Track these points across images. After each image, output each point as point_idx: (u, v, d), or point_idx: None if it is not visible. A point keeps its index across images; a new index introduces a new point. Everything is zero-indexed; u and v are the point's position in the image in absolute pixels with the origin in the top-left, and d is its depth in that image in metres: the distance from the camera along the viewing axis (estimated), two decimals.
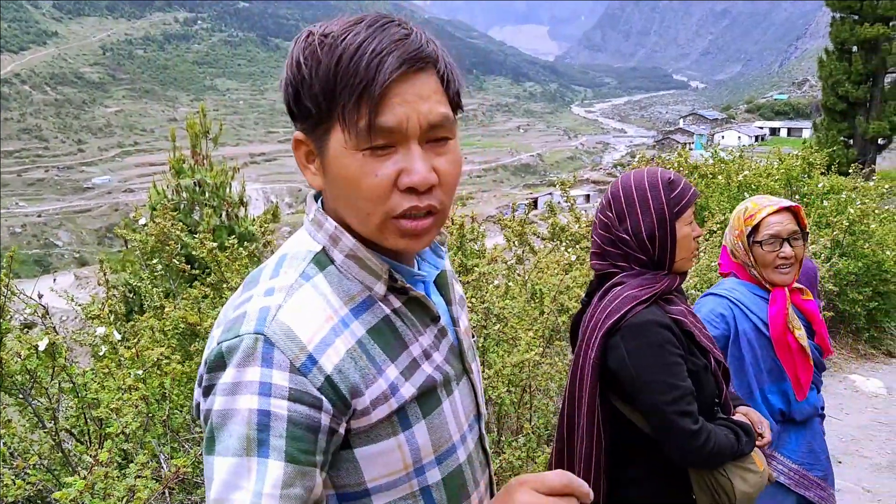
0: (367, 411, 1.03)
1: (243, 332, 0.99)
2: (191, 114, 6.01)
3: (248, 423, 0.95)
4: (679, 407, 1.77)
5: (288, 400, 0.96)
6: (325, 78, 0.99)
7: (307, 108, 1.03)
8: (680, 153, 8.63)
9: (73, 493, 1.72)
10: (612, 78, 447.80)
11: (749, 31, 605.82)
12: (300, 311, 1.02)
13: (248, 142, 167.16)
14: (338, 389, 1.00)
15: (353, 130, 1.00)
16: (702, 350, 1.91)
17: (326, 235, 1.11)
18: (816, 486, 2.47)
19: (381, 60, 0.98)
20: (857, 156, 23.33)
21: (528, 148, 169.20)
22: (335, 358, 1.00)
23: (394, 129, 1.00)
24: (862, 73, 24.96)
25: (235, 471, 0.94)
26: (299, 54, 1.02)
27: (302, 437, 0.96)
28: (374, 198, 1.02)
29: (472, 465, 1.21)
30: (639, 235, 1.89)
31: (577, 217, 6.48)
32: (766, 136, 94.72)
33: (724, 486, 1.83)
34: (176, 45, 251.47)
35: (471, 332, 1.33)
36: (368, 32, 1.00)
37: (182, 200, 5.77)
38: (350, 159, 1.02)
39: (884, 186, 9.94)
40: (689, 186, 1.94)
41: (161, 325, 3.31)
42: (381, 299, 1.10)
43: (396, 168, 1.01)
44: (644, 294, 1.85)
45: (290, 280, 1.06)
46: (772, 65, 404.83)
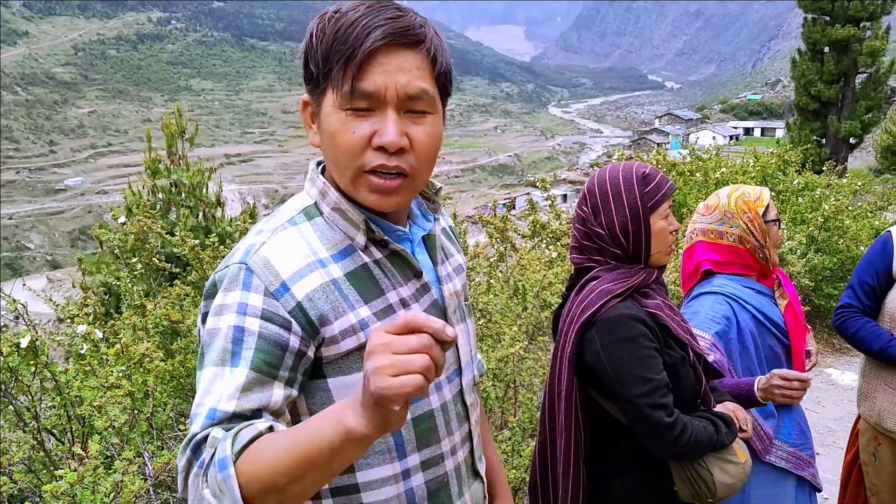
0: (335, 340, 1.16)
1: (231, 263, 1.17)
2: (166, 114, 5.95)
3: (225, 337, 1.10)
4: (652, 399, 1.78)
5: (260, 318, 1.11)
6: (325, 45, 1.14)
7: (311, 72, 1.18)
8: (658, 151, 8.72)
9: (63, 485, 1.70)
10: (588, 78, 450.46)
11: (722, 31, 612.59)
12: (280, 247, 1.17)
13: (224, 142, 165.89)
14: (307, 314, 1.14)
15: (338, 91, 1.14)
16: (679, 343, 1.93)
17: (317, 190, 1.27)
18: (809, 464, 2.51)
19: (369, 32, 1.12)
20: (829, 155, 23.68)
21: (505, 148, 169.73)
22: (307, 288, 1.15)
23: (372, 94, 1.13)
24: (834, 73, 25.28)
25: (212, 378, 1.08)
26: (314, 27, 1.18)
27: (269, 352, 1.10)
28: (349, 152, 1.16)
29: (446, 413, 1.32)
30: (612, 230, 1.91)
31: (558, 214, 6.52)
32: (740, 135, 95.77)
33: (704, 478, 1.84)
34: (150, 44, 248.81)
35: (462, 297, 1.44)
36: (366, 10, 1.14)
37: (158, 201, 5.72)
38: (335, 117, 1.16)
39: (856, 184, 10.12)
40: (665, 180, 1.94)
41: (143, 323, 3.28)
42: (363, 250, 1.23)
43: (372, 128, 1.15)
44: (618, 288, 1.87)
45: (278, 224, 1.23)
46: (745, 65, 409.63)
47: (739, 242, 2.45)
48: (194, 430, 1.04)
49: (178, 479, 1.06)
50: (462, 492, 1.36)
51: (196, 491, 1.00)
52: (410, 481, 1.26)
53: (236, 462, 0.97)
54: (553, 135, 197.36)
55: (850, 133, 25.30)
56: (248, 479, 0.96)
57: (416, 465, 1.26)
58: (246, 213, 5.86)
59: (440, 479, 1.30)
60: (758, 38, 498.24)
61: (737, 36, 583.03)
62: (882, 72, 25.47)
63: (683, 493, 1.89)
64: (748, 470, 1.91)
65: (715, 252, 2.50)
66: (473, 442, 1.42)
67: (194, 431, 1.04)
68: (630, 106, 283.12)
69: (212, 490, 0.98)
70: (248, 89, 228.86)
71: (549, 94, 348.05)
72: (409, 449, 1.25)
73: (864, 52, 24.59)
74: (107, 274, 5.12)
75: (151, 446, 2.65)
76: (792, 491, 2.49)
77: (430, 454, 1.28)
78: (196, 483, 1.00)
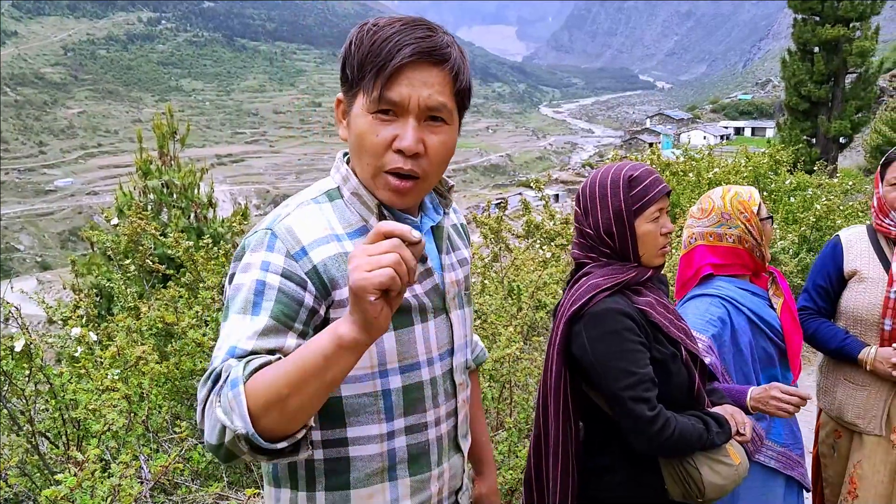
0: (342, 303, 1.30)
1: (259, 229, 1.33)
2: (157, 114, 5.93)
3: (249, 290, 1.24)
4: (635, 393, 1.79)
5: (281, 276, 1.25)
6: (361, 54, 1.29)
7: (346, 75, 1.33)
8: (653, 150, 8.74)
9: (63, 490, 1.69)
10: (579, 78, 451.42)
11: (713, 31, 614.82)
12: (302, 219, 1.33)
13: (215, 143, 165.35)
14: (321, 277, 1.28)
15: (368, 97, 1.28)
16: (671, 340, 1.93)
17: (340, 176, 1.42)
18: (798, 464, 2.53)
19: (401, 48, 1.26)
20: (819, 154, 23.78)
21: (497, 148, 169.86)
22: (323, 255, 1.30)
23: (397, 103, 1.28)
24: (824, 73, 25.39)
25: (234, 324, 1.22)
26: (353, 35, 1.32)
27: (287, 304, 1.24)
28: (372, 151, 1.31)
29: (434, 387, 1.45)
30: (598, 231, 1.96)
31: (552, 214, 6.52)
32: (730, 135, 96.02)
33: (693, 477, 1.84)
34: (140, 45, 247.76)
35: (463, 286, 1.56)
36: (402, 27, 1.29)
37: (149, 202, 5.69)
38: (363, 119, 1.31)
39: (847, 183, 10.18)
40: (655, 184, 1.93)
41: (138, 326, 3.26)
42: None
43: (394, 133, 1.30)
44: (606, 283, 1.89)
45: (302, 199, 1.40)
46: (736, 65, 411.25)
47: (738, 242, 2.46)
48: (214, 366, 1.16)
49: (197, 410, 1.17)
50: (441, 461, 1.49)
51: (211, 415, 1.11)
52: (394, 442, 1.40)
53: (246, 382, 1.09)
54: (545, 135, 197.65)
55: (840, 133, 25.41)
56: (255, 395, 1.08)
57: (401, 429, 1.40)
58: (238, 213, 5.83)
59: (421, 446, 1.44)
60: (748, 38, 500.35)
61: (727, 36, 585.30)
62: (871, 72, 25.61)
63: (673, 492, 1.89)
64: (742, 473, 1.90)
65: (715, 255, 2.50)
66: (458, 418, 1.54)
67: (214, 366, 1.16)
68: (621, 106, 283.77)
69: (223, 408, 1.09)
70: (238, 89, 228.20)
71: (541, 95, 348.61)
72: (397, 413, 1.39)
73: (854, 53, 24.70)
74: (98, 275, 5.09)
75: (147, 449, 2.63)
76: (781, 490, 2.50)
77: (414, 421, 1.42)
78: (211, 408, 1.12)
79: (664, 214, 1.96)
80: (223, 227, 5.76)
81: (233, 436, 1.08)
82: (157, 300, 3.83)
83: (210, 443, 1.12)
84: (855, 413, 2.75)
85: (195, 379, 3.16)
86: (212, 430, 1.11)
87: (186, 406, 3.30)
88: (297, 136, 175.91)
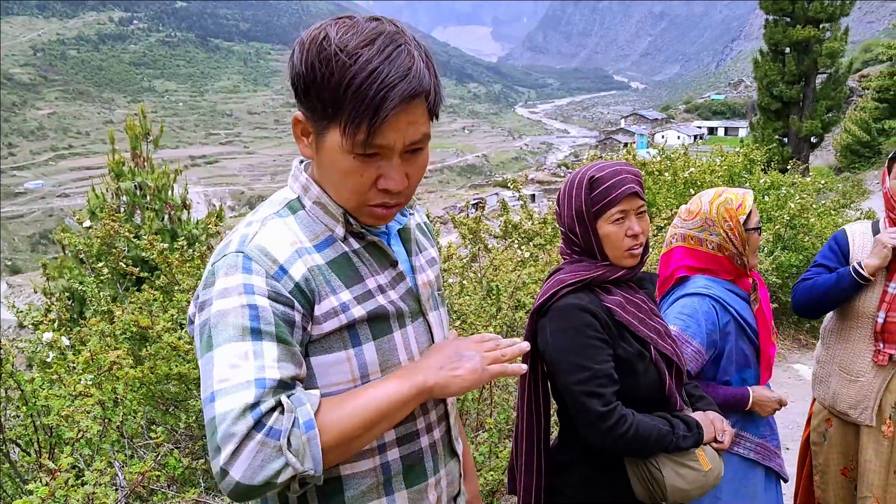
0: (319, 321, 1.25)
1: (227, 252, 1.24)
2: (129, 115, 5.85)
3: (241, 315, 1.16)
4: (587, 387, 1.80)
5: (268, 298, 1.19)
6: (336, 91, 1.17)
7: (313, 104, 1.21)
8: (628, 150, 8.79)
9: (35, 500, 1.64)
10: (554, 79, 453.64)
11: (686, 32, 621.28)
12: (271, 237, 1.26)
13: (189, 144, 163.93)
14: (304, 293, 1.23)
15: (350, 140, 1.20)
16: (639, 340, 1.92)
17: (300, 186, 1.35)
18: (775, 454, 2.55)
19: (386, 95, 1.17)
20: (792, 153, 24.14)
21: (473, 149, 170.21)
22: (300, 270, 1.24)
23: (384, 146, 1.22)
24: (795, 73, 25.76)
25: (234, 353, 1.14)
26: (314, 58, 1.18)
27: (283, 326, 1.19)
28: (355, 191, 1.27)
29: None
30: (566, 229, 1.99)
31: (530, 214, 6.52)
32: (704, 135, 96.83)
33: (655, 478, 1.84)
34: (111, 45, 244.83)
35: (435, 286, 1.53)
36: (380, 60, 1.18)
37: (122, 204, 5.61)
38: (342, 157, 1.23)
39: (819, 182, 10.32)
40: (618, 185, 1.89)
41: (111, 330, 3.20)
42: (343, 240, 1.33)
43: (378, 172, 1.25)
44: (570, 279, 1.92)
45: (265, 215, 1.32)
46: (709, 66, 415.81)
47: (718, 250, 2.44)
48: (247, 401, 1.10)
49: (227, 448, 1.08)
50: (437, 468, 1.45)
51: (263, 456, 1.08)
52: (386, 455, 1.35)
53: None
54: (521, 135, 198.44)
55: (812, 132, 25.80)
56: (327, 435, 1.12)
57: (392, 441, 1.36)
58: (212, 215, 5.75)
59: (415, 455, 1.40)
60: (721, 38, 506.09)
61: (700, 37, 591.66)
62: (841, 72, 26.03)
63: (638, 491, 1.88)
64: (712, 481, 1.88)
65: (692, 258, 2.49)
66: (450, 421, 1.51)
67: (248, 401, 1.10)
68: (596, 106, 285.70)
69: (295, 450, 1.09)
70: (212, 90, 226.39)
71: (517, 95, 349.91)
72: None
73: (824, 53, 25.10)
74: (70, 279, 5.01)
75: (122, 455, 2.58)
76: (761, 481, 2.53)
77: (405, 430, 1.38)
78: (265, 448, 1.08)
79: (631, 216, 1.91)
80: (198, 228, 5.69)
81: (290, 475, 1.09)
82: (132, 303, 3.77)
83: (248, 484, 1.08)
84: (848, 403, 2.80)
85: (171, 383, 3.11)
86: (258, 469, 1.07)
87: (162, 411, 3.25)
88: (272, 136, 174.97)
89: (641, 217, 1.94)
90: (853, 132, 30.54)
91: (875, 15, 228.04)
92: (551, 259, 5.00)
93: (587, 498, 1.94)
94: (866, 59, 48.97)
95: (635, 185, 1.91)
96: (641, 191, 1.94)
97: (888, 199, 2.75)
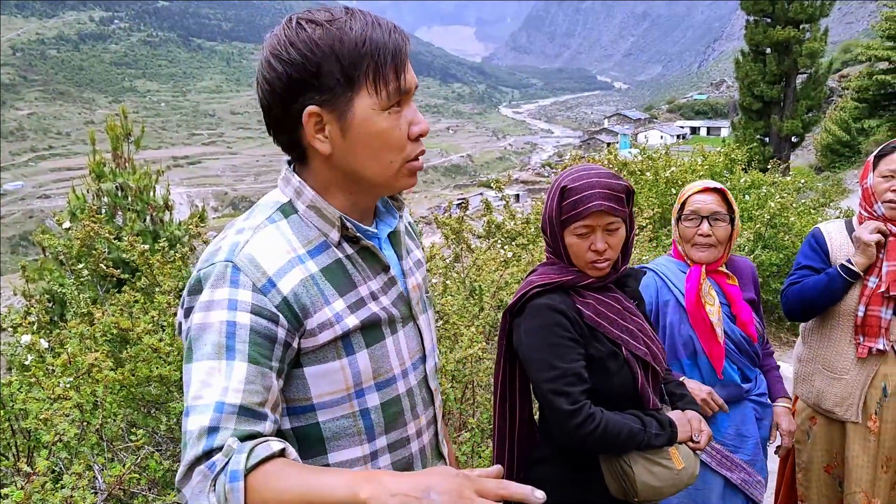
0: (313, 332, 1.24)
1: (216, 261, 1.22)
2: (110, 116, 5.79)
3: (219, 332, 1.16)
4: (555, 386, 1.83)
5: (251, 313, 1.17)
6: (353, 50, 1.19)
7: (331, 81, 1.20)
8: (610, 150, 8.83)
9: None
10: (538, 79, 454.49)
11: (669, 32, 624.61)
12: (263, 245, 1.24)
13: (171, 144, 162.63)
14: (292, 308, 1.21)
15: (383, 92, 1.22)
16: (611, 340, 1.94)
17: (292, 189, 1.32)
18: (741, 468, 2.53)
19: (393, 36, 1.22)
20: (773, 153, 24.33)
21: (457, 149, 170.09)
22: (291, 283, 1.22)
23: (408, 90, 1.25)
24: (776, 73, 25.99)
25: (208, 371, 1.14)
26: (309, 37, 1.19)
27: (262, 344, 1.17)
28: (398, 147, 1.26)
29: (412, 398, 1.41)
30: (541, 230, 2.06)
31: (513, 214, 6.54)
32: (686, 134, 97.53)
33: (627, 475, 1.86)
34: (92, 44, 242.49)
35: (423, 289, 1.52)
36: (366, 18, 1.22)
37: (103, 205, 5.56)
38: (378, 117, 1.23)
39: (799, 181, 10.41)
40: (586, 200, 1.87)
41: (91, 332, 3.17)
42: (336, 246, 1.31)
43: (407, 121, 1.27)
44: (541, 280, 1.96)
45: (258, 221, 1.28)
46: (691, 66, 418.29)
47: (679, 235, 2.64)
48: (203, 424, 1.10)
49: (180, 470, 1.11)
50: None
51: (198, 490, 1.07)
52: (378, 462, 1.35)
53: (247, 477, 1.05)
54: (505, 135, 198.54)
55: (792, 132, 26.03)
56: (254, 497, 1.05)
57: (384, 447, 1.36)
58: (195, 216, 5.71)
59: (406, 460, 1.40)
60: (703, 38, 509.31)
61: (683, 37, 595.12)
62: (821, 72, 26.29)
63: (612, 487, 1.91)
64: (686, 479, 1.90)
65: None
66: (438, 425, 1.52)
67: (204, 425, 1.10)
68: (580, 106, 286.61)
69: (217, 496, 1.06)
70: (195, 90, 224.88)
71: (501, 95, 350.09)
72: (378, 432, 1.34)
73: (804, 54, 25.34)
74: (50, 281, 4.96)
75: (102, 458, 2.56)
76: (718, 490, 2.52)
77: (396, 437, 1.38)
78: (200, 483, 1.07)
79: (597, 231, 1.90)
80: (180, 229, 5.64)
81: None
82: (112, 305, 3.74)
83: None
84: (833, 401, 2.82)
85: (152, 385, 3.09)
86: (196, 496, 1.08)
87: (143, 413, 3.23)
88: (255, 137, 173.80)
89: (612, 233, 1.92)
90: (833, 132, 30.87)
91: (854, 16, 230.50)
92: (534, 259, 5.01)
93: (562, 494, 1.96)
94: (846, 60, 49.49)
95: (607, 201, 1.87)
96: (616, 206, 1.89)
97: (868, 196, 2.77)
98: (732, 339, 2.54)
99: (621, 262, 2.02)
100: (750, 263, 2.78)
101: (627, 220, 1.96)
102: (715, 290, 2.55)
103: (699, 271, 2.54)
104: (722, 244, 2.54)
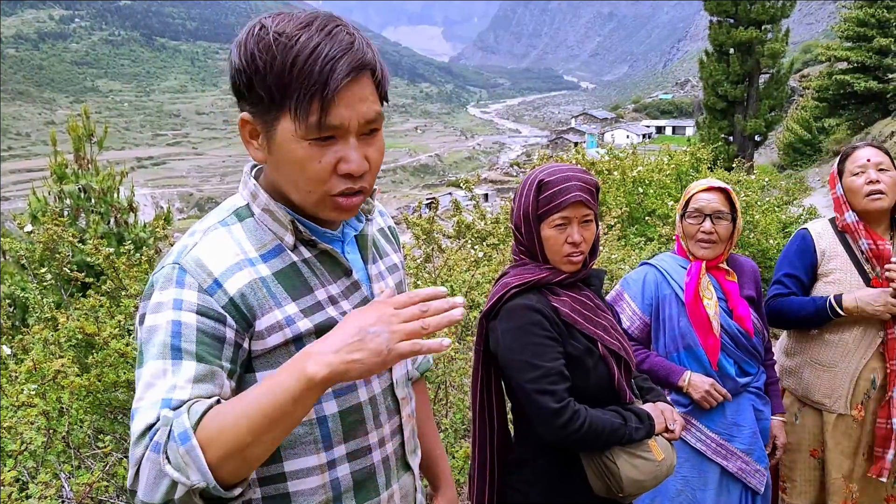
0: (262, 335, 1.21)
1: (165, 264, 1.22)
2: (72, 116, 5.69)
3: (165, 332, 1.13)
4: (539, 385, 1.83)
5: (196, 314, 1.15)
6: (280, 74, 1.14)
7: (259, 96, 1.17)
8: (577, 150, 8.89)
9: None
10: (505, 79, 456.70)
11: (634, 33, 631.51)
12: (211, 248, 1.22)
13: (135, 145, 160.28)
14: (240, 309, 1.19)
15: (303, 123, 1.16)
16: (587, 337, 1.96)
17: (248, 192, 1.31)
18: (737, 457, 2.57)
19: (333, 67, 1.14)
20: (737, 152, 24.73)
21: (426, 148, 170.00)
22: (238, 284, 1.20)
23: (338, 126, 1.18)
24: (739, 73, 26.41)
25: (153, 373, 1.11)
26: (253, 47, 1.16)
27: (210, 344, 1.15)
28: (316, 180, 1.21)
29: (375, 406, 1.37)
30: (513, 227, 2.04)
31: (482, 214, 6.55)
32: (652, 134, 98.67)
33: (611, 471, 1.87)
34: (52, 43, 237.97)
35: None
36: (321, 37, 1.15)
37: (66, 207, 5.46)
38: (297, 145, 1.18)
39: (763, 180, 10.59)
40: (564, 192, 1.92)
41: (56, 337, 3.10)
42: (292, 249, 1.29)
43: (336, 157, 1.20)
44: (515, 281, 1.96)
45: (209, 224, 1.28)
46: (656, 66, 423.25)
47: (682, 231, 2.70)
48: (148, 421, 1.06)
49: (129, 473, 1.07)
50: (390, 483, 1.41)
51: (154, 473, 1.03)
52: (336, 471, 1.31)
53: (196, 432, 1.02)
54: (473, 135, 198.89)
55: (756, 131, 26.48)
56: (213, 445, 1.02)
57: (343, 456, 1.32)
58: (160, 217, 5.64)
59: (366, 470, 1.36)
60: (668, 39, 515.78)
61: (648, 37, 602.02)
62: (783, 72, 26.80)
63: (596, 486, 1.91)
64: (666, 470, 1.92)
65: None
66: (405, 435, 1.47)
67: (149, 422, 1.06)
68: (547, 106, 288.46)
69: (174, 464, 1.01)
70: (159, 90, 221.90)
71: (468, 95, 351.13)
72: (336, 440, 1.30)
73: (766, 54, 25.79)
74: (11, 285, 4.85)
75: (69, 466, 2.51)
76: (715, 478, 2.56)
77: (356, 446, 1.33)
78: (154, 465, 1.03)
79: (574, 224, 1.94)
80: (145, 231, 5.57)
81: (186, 490, 1.02)
82: (77, 310, 3.67)
83: (150, 501, 1.04)
84: (822, 393, 2.83)
85: (119, 390, 3.04)
86: (153, 487, 1.03)
87: (110, 419, 3.17)
88: (221, 137, 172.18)
89: (586, 226, 1.97)
90: (795, 130, 31.45)
91: (815, 17, 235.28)
92: (504, 258, 5.02)
93: (544, 494, 1.97)
94: (806, 60, 50.41)
95: (583, 193, 1.93)
96: (591, 199, 1.95)
97: (839, 205, 2.80)
98: (729, 332, 2.58)
99: (589, 258, 2.04)
100: (753, 263, 2.82)
101: (595, 217, 2.00)
102: (713, 285, 2.61)
103: (699, 267, 2.61)
104: (724, 241, 2.61)
